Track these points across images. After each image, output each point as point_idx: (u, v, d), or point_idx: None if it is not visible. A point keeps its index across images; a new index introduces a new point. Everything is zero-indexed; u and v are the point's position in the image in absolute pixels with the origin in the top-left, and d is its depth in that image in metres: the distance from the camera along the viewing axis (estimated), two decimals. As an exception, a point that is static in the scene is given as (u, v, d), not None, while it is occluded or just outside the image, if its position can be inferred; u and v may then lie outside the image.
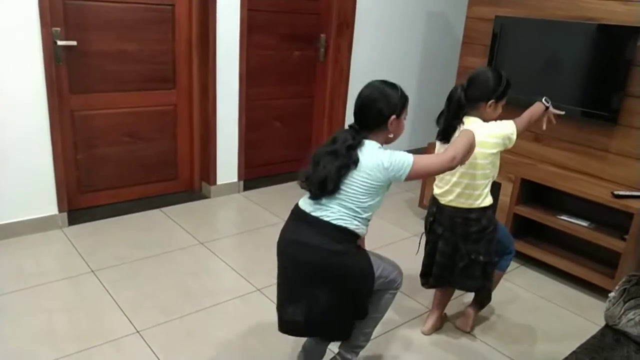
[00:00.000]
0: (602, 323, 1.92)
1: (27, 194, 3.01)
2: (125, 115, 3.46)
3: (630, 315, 1.78)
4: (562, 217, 3.04)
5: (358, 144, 1.80)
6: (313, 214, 1.80)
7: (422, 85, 4.97)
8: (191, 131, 3.80)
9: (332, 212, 1.79)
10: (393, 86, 1.83)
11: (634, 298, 1.81)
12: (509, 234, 2.50)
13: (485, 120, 2.18)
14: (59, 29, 2.99)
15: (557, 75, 3.17)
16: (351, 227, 1.80)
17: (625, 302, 1.82)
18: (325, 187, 1.76)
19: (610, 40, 2.96)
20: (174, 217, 3.49)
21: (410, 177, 1.80)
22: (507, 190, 3.14)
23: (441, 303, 2.49)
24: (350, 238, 1.82)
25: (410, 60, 4.82)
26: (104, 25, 3.20)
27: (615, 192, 2.87)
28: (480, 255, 2.23)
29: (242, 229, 3.46)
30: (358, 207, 1.80)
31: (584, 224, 2.97)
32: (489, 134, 2.12)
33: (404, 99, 1.84)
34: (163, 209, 3.59)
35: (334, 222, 1.78)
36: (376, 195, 1.83)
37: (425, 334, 2.48)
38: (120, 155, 3.51)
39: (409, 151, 1.85)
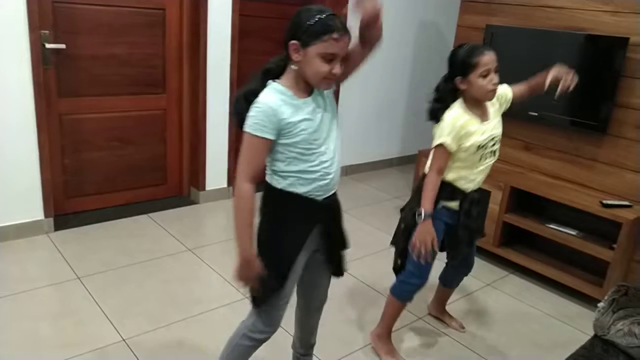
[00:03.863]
0: (591, 332, 1.92)
1: (13, 198, 2.97)
2: (114, 119, 3.42)
3: (619, 325, 1.78)
4: (551, 226, 3.05)
5: (276, 69, 1.59)
6: None
7: (413, 93, 4.99)
8: (181, 136, 3.78)
9: None
10: (314, 11, 1.49)
11: (623, 308, 1.81)
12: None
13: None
14: (47, 31, 2.96)
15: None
16: (271, 182, 1.66)
17: (614, 313, 1.82)
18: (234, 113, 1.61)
19: (599, 50, 2.98)
20: (162, 223, 3.46)
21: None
22: (497, 199, 3.15)
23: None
24: (271, 196, 1.67)
25: (401, 68, 4.83)
26: (93, 28, 3.17)
27: (604, 202, 2.89)
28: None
29: (231, 236, 3.41)
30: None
31: (573, 232, 2.99)
32: None
33: (317, 26, 1.46)
34: (151, 214, 3.56)
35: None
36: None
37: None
38: (108, 160, 3.48)
39: (400, 159, 1.81)
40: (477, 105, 2.10)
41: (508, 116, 2.26)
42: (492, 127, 2.13)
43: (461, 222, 2.17)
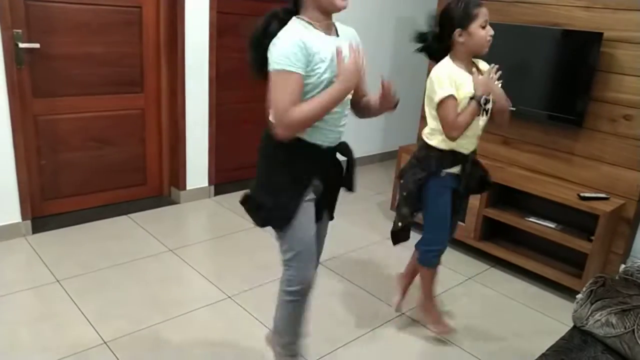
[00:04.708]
0: (571, 323, 1.95)
1: (-12, 201, 2.91)
2: (91, 119, 3.37)
3: (597, 316, 1.81)
4: (530, 219, 3.09)
5: (275, 18, 1.54)
6: None
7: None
8: (160, 135, 3.74)
9: None
10: None
11: (601, 299, 1.84)
12: (442, 222, 2.29)
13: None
14: (20, 30, 2.90)
15: (524, 80, 3.22)
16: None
17: (592, 304, 1.85)
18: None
19: (574, 45, 3.02)
20: (142, 223, 3.42)
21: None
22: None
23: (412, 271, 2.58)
24: (273, 140, 1.62)
25: (380, 64, 4.84)
26: (68, 27, 3.12)
27: (581, 194, 2.93)
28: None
29: (213, 235, 3.41)
30: None
31: (552, 225, 3.03)
32: None
33: None
34: (131, 215, 3.52)
35: None
36: None
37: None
38: (86, 161, 3.42)
39: (382, 155, 1.82)
40: (465, 62, 2.16)
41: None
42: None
43: (463, 184, 2.27)
